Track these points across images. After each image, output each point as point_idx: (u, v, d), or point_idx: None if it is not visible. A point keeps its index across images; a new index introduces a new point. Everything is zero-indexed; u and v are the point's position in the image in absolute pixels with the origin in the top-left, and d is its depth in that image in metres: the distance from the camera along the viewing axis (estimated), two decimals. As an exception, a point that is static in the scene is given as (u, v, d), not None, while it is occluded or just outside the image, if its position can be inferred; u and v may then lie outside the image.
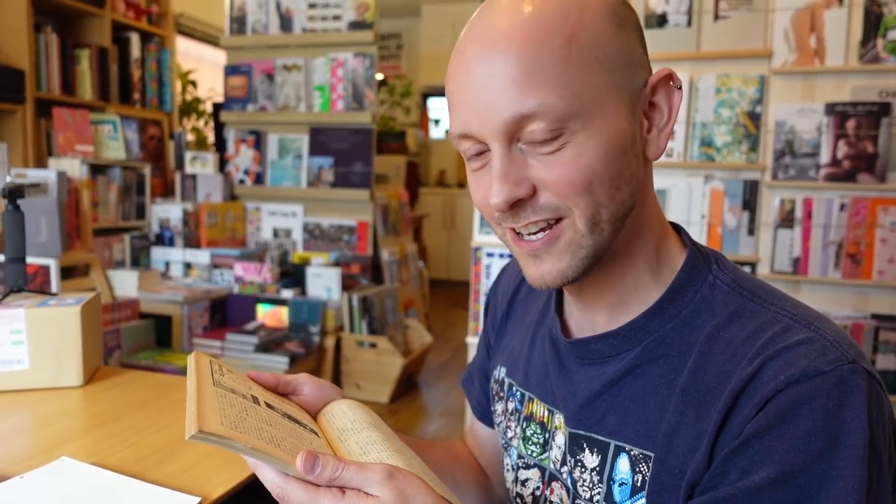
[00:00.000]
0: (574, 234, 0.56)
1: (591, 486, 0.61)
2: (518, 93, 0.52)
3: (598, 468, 0.61)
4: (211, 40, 5.12)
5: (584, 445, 0.62)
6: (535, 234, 0.57)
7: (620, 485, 0.59)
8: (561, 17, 0.52)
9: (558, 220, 0.56)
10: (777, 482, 0.49)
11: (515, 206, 0.55)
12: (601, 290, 0.62)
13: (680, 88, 0.58)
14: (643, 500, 0.57)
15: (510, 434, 0.74)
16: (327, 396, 0.69)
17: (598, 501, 0.60)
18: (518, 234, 0.58)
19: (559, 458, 0.66)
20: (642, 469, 0.57)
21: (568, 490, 0.64)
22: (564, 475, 0.65)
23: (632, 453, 0.58)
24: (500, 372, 0.78)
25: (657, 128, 0.58)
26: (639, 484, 0.57)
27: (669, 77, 0.58)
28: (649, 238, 0.61)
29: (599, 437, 0.61)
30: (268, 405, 0.61)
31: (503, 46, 0.52)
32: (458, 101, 0.56)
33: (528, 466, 0.71)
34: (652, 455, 0.57)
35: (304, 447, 0.54)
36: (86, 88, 3.30)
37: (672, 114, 0.58)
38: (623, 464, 0.59)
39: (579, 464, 0.62)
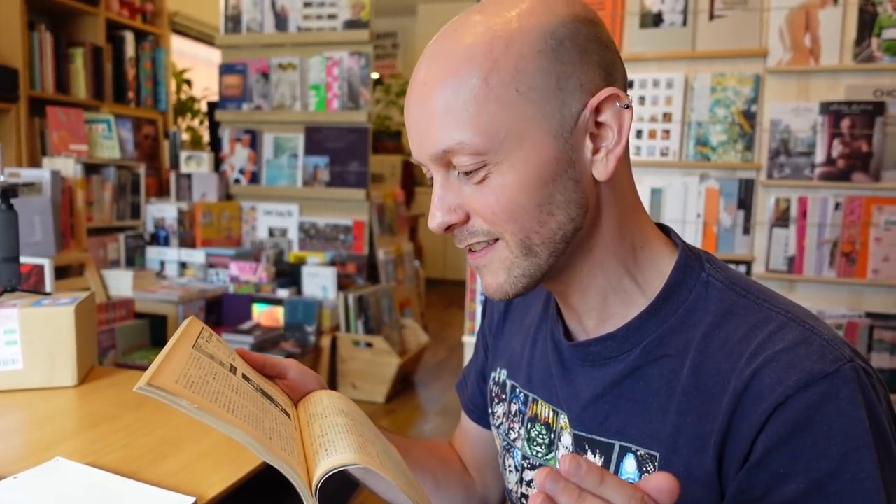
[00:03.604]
0: (509, 254, 0.58)
1: None
2: (439, 130, 0.55)
3: None
4: (206, 39, 5.11)
5: (587, 447, 0.63)
6: (478, 250, 0.60)
7: None
8: (484, 54, 0.54)
9: (496, 240, 0.58)
10: (810, 492, 0.49)
11: (451, 229, 0.59)
12: (584, 295, 0.62)
13: (629, 108, 0.56)
14: None
15: (513, 435, 0.74)
16: (310, 384, 0.72)
17: None
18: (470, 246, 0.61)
19: None
20: (648, 469, 0.58)
21: None
22: None
23: (638, 453, 0.59)
24: (500, 374, 0.78)
25: (606, 148, 0.56)
26: None
27: (616, 97, 0.55)
28: (621, 248, 0.61)
29: (602, 439, 0.61)
30: (245, 377, 0.61)
31: (429, 87, 0.56)
32: (407, 131, 0.60)
33: (533, 467, 0.71)
34: (657, 455, 0.57)
35: (266, 419, 0.55)
36: (80, 87, 3.29)
37: (622, 133, 0.56)
38: (629, 464, 0.59)
39: None
